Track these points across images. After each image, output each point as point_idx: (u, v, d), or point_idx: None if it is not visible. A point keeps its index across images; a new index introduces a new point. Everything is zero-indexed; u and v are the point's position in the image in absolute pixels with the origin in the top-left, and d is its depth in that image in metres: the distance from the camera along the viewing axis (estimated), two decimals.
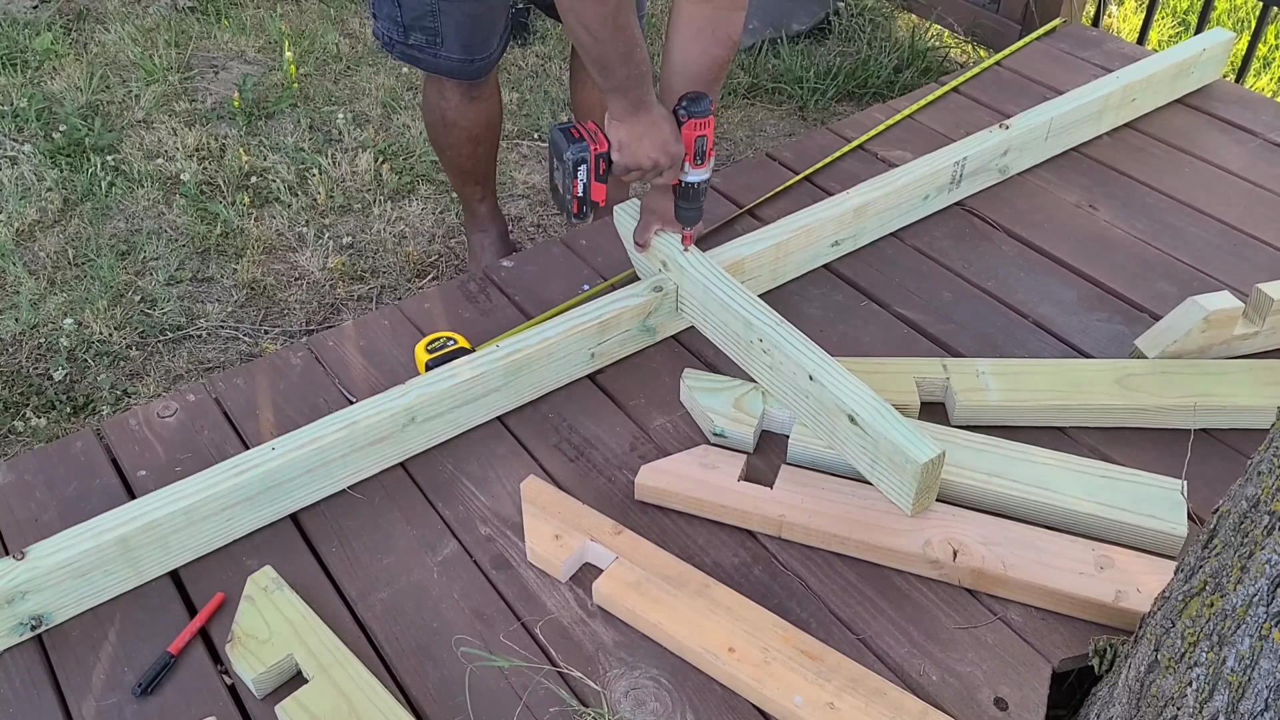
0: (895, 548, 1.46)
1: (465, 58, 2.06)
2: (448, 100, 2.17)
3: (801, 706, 1.29)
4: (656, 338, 1.83)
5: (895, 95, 3.04)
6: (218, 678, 1.37)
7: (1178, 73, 2.38)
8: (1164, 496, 1.50)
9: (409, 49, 2.07)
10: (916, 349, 1.83)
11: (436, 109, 2.20)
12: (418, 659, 1.39)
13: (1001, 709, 1.32)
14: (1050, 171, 2.24)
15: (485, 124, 2.24)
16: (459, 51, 2.05)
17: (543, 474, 1.62)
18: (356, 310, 2.50)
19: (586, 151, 1.62)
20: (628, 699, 1.34)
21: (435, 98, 2.19)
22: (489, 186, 2.42)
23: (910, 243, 2.06)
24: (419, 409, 1.59)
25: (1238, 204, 2.15)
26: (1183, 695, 1.06)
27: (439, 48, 2.04)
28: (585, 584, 1.46)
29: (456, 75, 2.11)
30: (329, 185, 2.82)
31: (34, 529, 1.54)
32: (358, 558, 1.51)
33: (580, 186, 1.64)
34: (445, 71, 2.10)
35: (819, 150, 2.31)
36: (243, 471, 1.48)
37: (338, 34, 3.48)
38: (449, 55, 2.06)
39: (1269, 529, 0.96)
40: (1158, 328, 1.76)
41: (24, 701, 1.35)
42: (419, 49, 2.06)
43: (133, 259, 2.59)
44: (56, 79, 3.23)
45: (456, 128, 2.22)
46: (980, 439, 1.59)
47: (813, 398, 1.55)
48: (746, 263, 1.83)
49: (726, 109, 3.17)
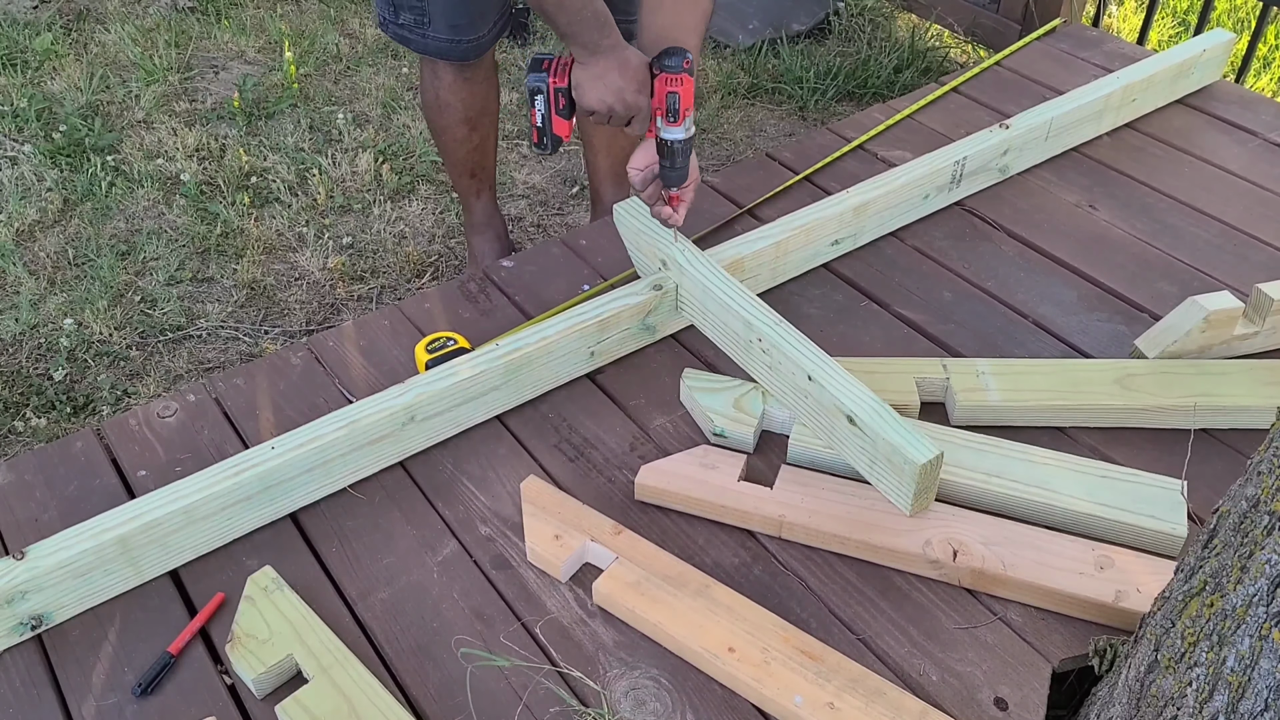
0: (895, 548, 1.46)
1: (452, 38, 2.08)
2: (441, 80, 2.19)
3: (801, 706, 1.29)
4: (656, 336, 1.83)
5: (895, 95, 3.05)
6: (218, 678, 1.37)
7: (1178, 73, 2.38)
8: (1164, 496, 1.50)
9: (400, 28, 2.10)
10: (916, 349, 1.83)
11: (431, 89, 2.22)
12: (418, 659, 1.39)
13: (1001, 709, 1.32)
14: (1050, 171, 2.24)
15: (480, 108, 2.25)
16: (446, 31, 2.07)
17: (543, 474, 1.62)
18: (356, 310, 2.50)
19: (544, 82, 1.64)
20: (628, 699, 1.34)
21: (430, 79, 2.21)
22: (485, 181, 2.42)
23: (910, 242, 2.06)
24: (418, 408, 1.59)
25: (1238, 204, 2.15)
26: (1183, 695, 1.06)
27: (427, 27, 2.06)
28: (585, 584, 1.46)
29: (445, 56, 2.12)
30: (329, 185, 2.82)
31: (34, 529, 1.54)
32: (358, 558, 1.51)
33: (539, 117, 1.67)
34: (434, 52, 2.12)
35: (819, 150, 2.31)
36: (242, 471, 1.48)
37: (338, 34, 3.48)
38: (436, 35, 2.07)
39: (1269, 529, 0.96)
40: (1158, 328, 1.76)
41: (24, 701, 1.35)
42: (408, 29, 2.08)
43: (133, 259, 2.60)
44: (56, 79, 3.23)
45: (450, 108, 2.23)
46: (980, 439, 1.59)
47: (812, 398, 1.55)
48: (746, 261, 1.83)
49: (726, 109, 3.17)
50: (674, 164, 1.68)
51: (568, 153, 3.00)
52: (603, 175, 2.45)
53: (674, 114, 1.62)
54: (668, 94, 1.61)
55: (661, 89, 1.62)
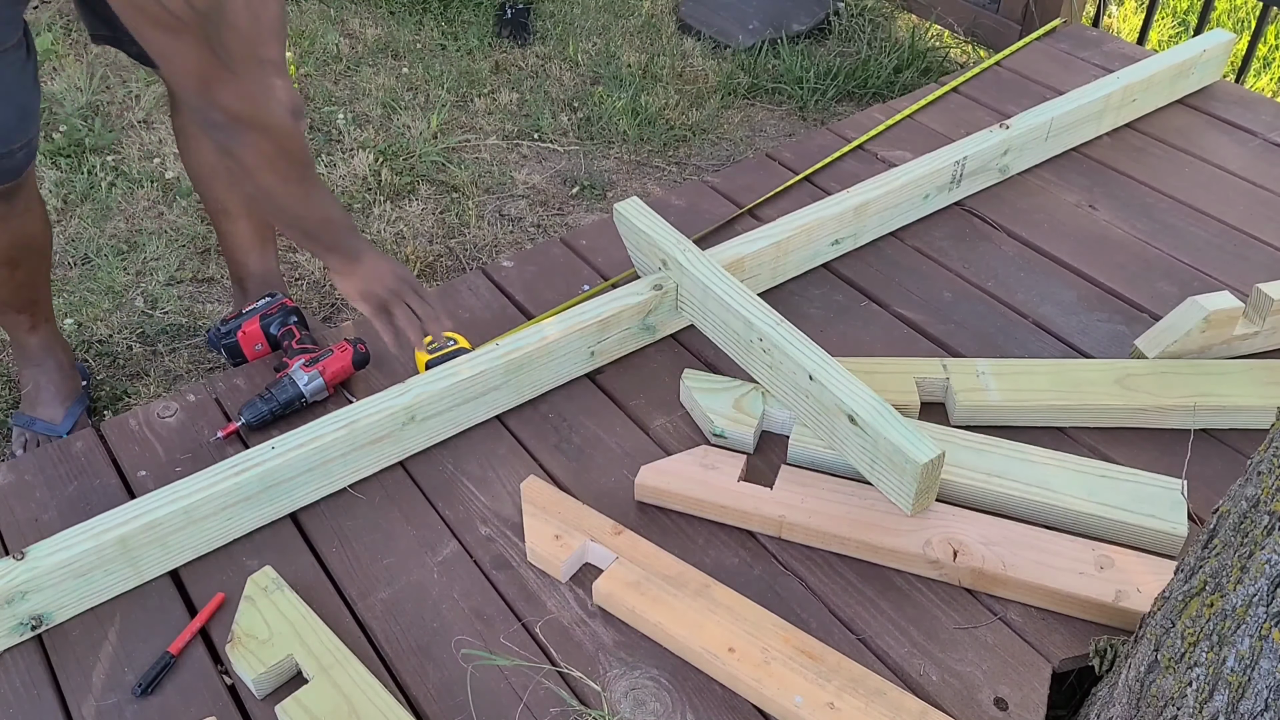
0: (895, 548, 1.46)
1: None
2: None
3: (801, 706, 1.29)
4: (656, 336, 1.83)
5: (895, 95, 3.04)
6: (218, 678, 1.37)
7: (1178, 74, 2.38)
8: (1164, 496, 1.50)
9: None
10: (916, 349, 1.83)
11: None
12: (418, 659, 1.39)
13: (1001, 709, 1.32)
14: (1050, 171, 2.24)
15: (23, 244, 1.78)
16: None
17: (543, 474, 1.62)
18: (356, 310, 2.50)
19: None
20: (628, 699, 1.34)
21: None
22: (42, 312, 1.94)
23: (910, 242, 2.06)
24: (418, 408, 1.59)
25: (1238, 204, 2.15)
26: (1183, 695, 1.06)
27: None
28: (585, 584, 1.46)
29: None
30: (329, 186, 2.82)
31: (34, 529, 1.54)
32: (358, 558, 1.51)
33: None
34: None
35: (819, 150, 2.31)
36: (242, 471, 1.49)
37: (338, 34, 3.48)
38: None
39: (1269, 529, 0.96)
40: (1158, 328, 1.76)
41: (24, 701, 1.35)
42: None
43: (133, 259, 2.59)
44: (56, 79, 3.23)
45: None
46: (980, 439, 1.59)
47: (813, 397, 1.55)
48: (746, 261, 1.83)
49: (726, 109, 3.17)
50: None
51: (568, 153, 3.00)
52: (247, 244, 2.04)
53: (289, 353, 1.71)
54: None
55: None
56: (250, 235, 2.04)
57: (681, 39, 3.46)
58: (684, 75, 3.28)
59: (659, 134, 3.03)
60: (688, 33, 3.47)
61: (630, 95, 3.13)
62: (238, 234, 2.03)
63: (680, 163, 2.98)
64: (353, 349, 1.74)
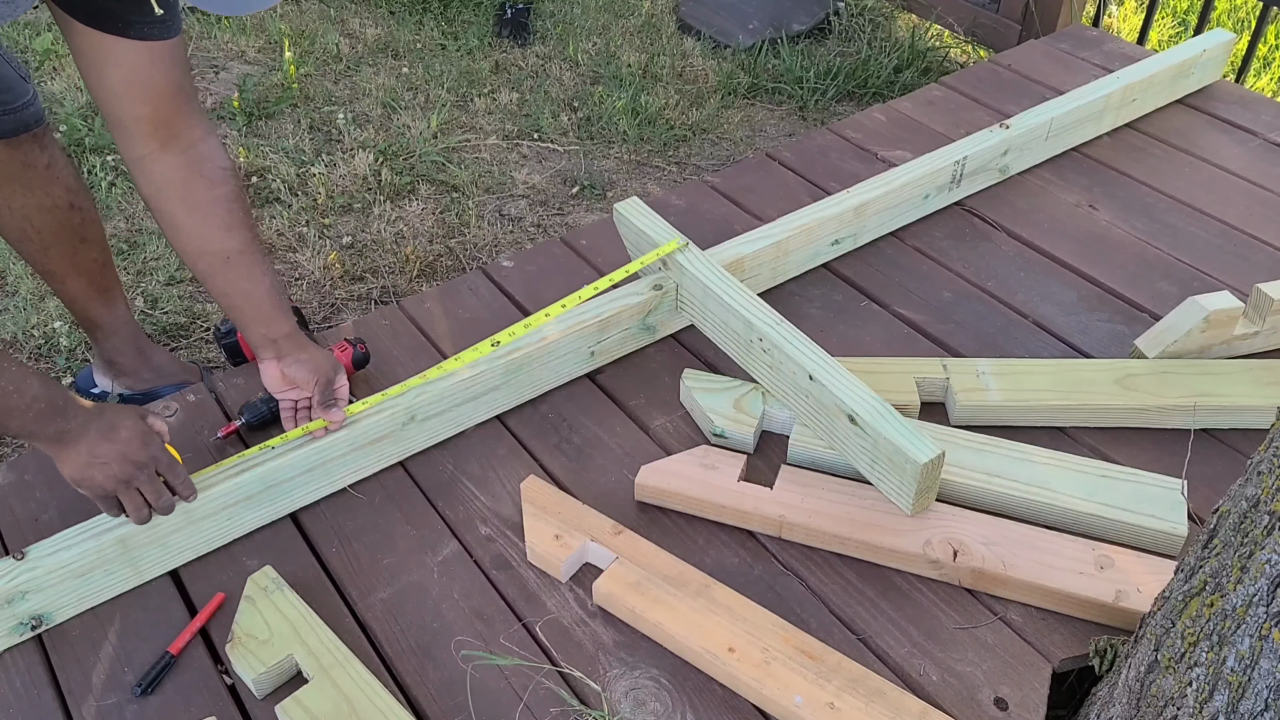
0: (895, 548, 1.46)
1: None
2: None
3: (801, 706, 1.29)
4: (656, 336, 1.83)
5: (895, 95, 3.04)
6: (218, 678, 1.37)
7: (1178, 74, 2.38)
8: (1164, 496, 1.50)
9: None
10: (916, 349, 1.83)
11: None
12: (418, 659, 1.39)
13: (1001, 709, 1.32)
14: (1050, 171, 2.24)
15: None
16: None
17: (543, 474, 1.62)
18: (356, 310, 2.50)
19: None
20: (628, 699, 1.34)
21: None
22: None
23: (910, 242, 2.06)
24: (418, 407, 1.59)
25: (1238, 204, 2.15)
26: (1183, 695, 1.06)
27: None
28: (585, 584, 1.46)
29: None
30: (329, 185, 2.82)
31: (34, 529, 1.53)
32: (358, 558, 1.51)
33: None
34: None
35: (819, 150, 2.31)
36: (242, 471, 1.49)
37: (338, 34, 3.48)
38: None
39: (1269, 529, 0.96)
40: (1158, 328, 1.76)
41: (24, 702, 1.35)
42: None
43: (133, 259, 2.59)
44: (56, 79, 3.23)
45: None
46: (980, 439, 1.59)
47: (813, 397, 1.55)
48: (746, 261, 1.83)
49: (726, 109, 3.17)
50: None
51: (568, 152, 3.00)
52: (86, 298, 1.90)
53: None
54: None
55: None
56: (84, 289, 1.89)
57: (681, 39, 3.46)
58: (684, 75, 3.28)
59: (659, 134, 3.03)
60: (688, 32, 3.48)
61: (630, 95, 3.13)
62: (74, 292, 1.89)
63: (680, 163, 2.98)
64: (353, 349, 1.74)
